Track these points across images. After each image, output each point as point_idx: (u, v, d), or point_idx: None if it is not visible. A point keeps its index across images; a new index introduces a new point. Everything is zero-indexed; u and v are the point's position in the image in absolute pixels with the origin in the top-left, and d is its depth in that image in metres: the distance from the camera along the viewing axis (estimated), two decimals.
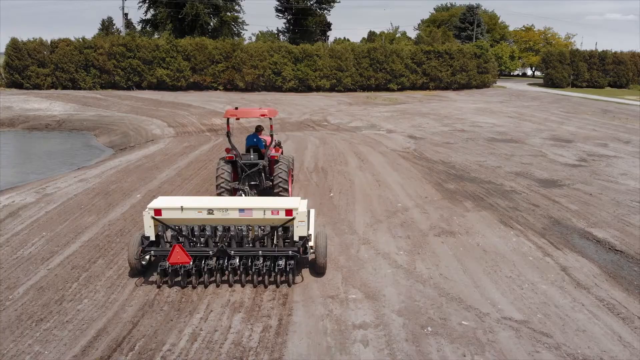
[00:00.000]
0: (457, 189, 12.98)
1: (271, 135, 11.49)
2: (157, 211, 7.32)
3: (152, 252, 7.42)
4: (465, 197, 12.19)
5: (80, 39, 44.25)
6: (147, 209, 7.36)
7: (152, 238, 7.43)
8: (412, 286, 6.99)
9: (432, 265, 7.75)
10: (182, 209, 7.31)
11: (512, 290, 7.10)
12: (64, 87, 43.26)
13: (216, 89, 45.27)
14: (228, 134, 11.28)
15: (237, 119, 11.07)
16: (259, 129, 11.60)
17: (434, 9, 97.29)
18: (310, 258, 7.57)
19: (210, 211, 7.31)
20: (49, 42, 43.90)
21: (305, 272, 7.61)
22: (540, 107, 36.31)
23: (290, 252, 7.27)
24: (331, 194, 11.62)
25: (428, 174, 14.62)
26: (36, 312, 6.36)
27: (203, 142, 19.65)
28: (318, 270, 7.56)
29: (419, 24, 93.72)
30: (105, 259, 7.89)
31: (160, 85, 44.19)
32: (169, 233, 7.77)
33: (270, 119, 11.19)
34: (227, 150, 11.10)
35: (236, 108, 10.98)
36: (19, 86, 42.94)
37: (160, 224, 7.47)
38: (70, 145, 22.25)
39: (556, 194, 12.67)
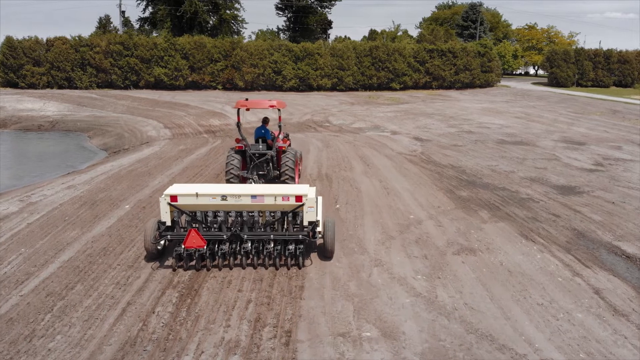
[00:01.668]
0: (471, 196, 12.11)
1: (279, 127, 11.88)
2: (173, 197, 7.72)
3: (169, 236, 7.77)
4: (480, 206, 11.33)
5: (77, 37, 43.34)
6: (163, 195, 7.76)
7: (168, 223, 7.81)
8: (435, 320, 6.06)
9: (455, 292, 6.84)
10: (197, 195, 7.68)
11: (547, 322, 6.23)
12: (60, 87, 42.36)
13: (215, 88, 44.37)
14: (238, 124, 11.72)
15: (248, 109, 11.49)
16: (265, 121, 11.96)
17: (436, 7, 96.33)
18: (318, 243, 8.11)
19: (223, 197, 7.69)
20: (44, 40, 43.01)
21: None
22: (547, 107, 35.43)
23: (300, 236, 7.66)
24: (337, 206, 10.66)
25: (438, 179, 13.76)
26: (1, 352, 5.48)
27: (200, 145, 18.76)
28: (326, 254, 7.99)
29: (420, 22, 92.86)
30: (84, 284, 6.99)
31: (158, 85, 43.29)
32: (183, 219, 8.10)
33: (279, 110, 11.55)
34: (237, 140, 11.55)
35: (246, 99, 11.44)
36: (14, 85, 42.05)
37: (176, 210, 7.81)
38: (62, 148, 21.39)
39: (576, 203, 11.81)
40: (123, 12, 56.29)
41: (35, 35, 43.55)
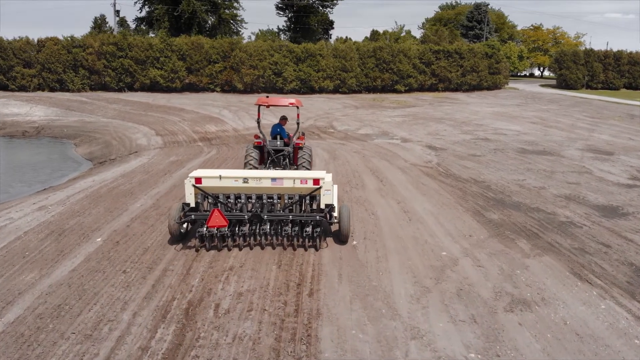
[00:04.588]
0: (503, 220, 10.44)
1: (297, 124, 12.55)
2: (198, 180, 8.05)
3: (193, 216, 8.02)
4: (515, 232, 9.67)
5: (69, 38, 41.62)
6: (188, 178, 8.12)
7: (192, 205, 8.17)
8: None
9: None
10: (220, 177, 8.02)
11: None
12: (51, 89, 40.63)
13: (213, 90, 42.66)
14: (258, 121, 12.61)
15: (268, 106, 11.83)
16: (284, 118, 12.54)
17: (439, 7, 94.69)
18: (334, 229, 8.74)
19: (245, 180, 8.01)
20: (35, 41, 41.29)
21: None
22: (561, 111, 33.80)
23: (317, 217, 7.99)
24: (354, 242, 8.76)
25: (462, 197, 12.09)
26: None
27: (193, 156, 17.03)
28: (342, 238, 8.42)
29: (423, 23, 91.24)
30: None
31: (153, 87, 41.58)
32: (206, 204, 8.47)
33: (297, 107, 12.01)
34: (256, 137, 12.07)
35: (267, 96, 12.13)
36: (4, 88, 40.30)
37: (200, 192, 8.14)
38: (45, 157, 19.74)
39: (624, 228, 10.16)
40: (118, 12, 54.62)
41: (26, 35, 41.92)
